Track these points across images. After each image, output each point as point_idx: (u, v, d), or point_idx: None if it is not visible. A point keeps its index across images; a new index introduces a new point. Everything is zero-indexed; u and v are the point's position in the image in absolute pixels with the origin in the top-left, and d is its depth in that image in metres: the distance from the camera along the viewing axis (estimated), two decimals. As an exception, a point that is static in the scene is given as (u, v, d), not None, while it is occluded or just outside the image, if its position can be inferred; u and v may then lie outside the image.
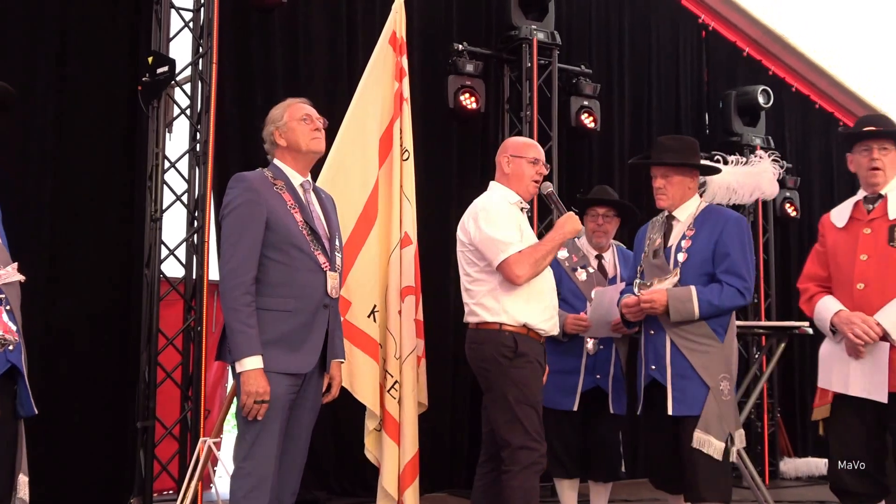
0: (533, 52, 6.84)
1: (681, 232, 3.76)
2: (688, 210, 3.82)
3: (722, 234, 3.66)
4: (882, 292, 3.36)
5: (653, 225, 3.91)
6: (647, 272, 3.77)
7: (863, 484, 3.41)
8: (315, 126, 3.37)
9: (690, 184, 3.82)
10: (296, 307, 3.20)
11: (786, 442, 8.23)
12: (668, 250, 3.75)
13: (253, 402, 3.07)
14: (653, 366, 3.68)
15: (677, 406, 3.57)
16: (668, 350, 3.63)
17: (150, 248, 5.35)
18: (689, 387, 3.55)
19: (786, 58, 8.88)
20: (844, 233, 3.56)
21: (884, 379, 3.32)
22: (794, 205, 8.45)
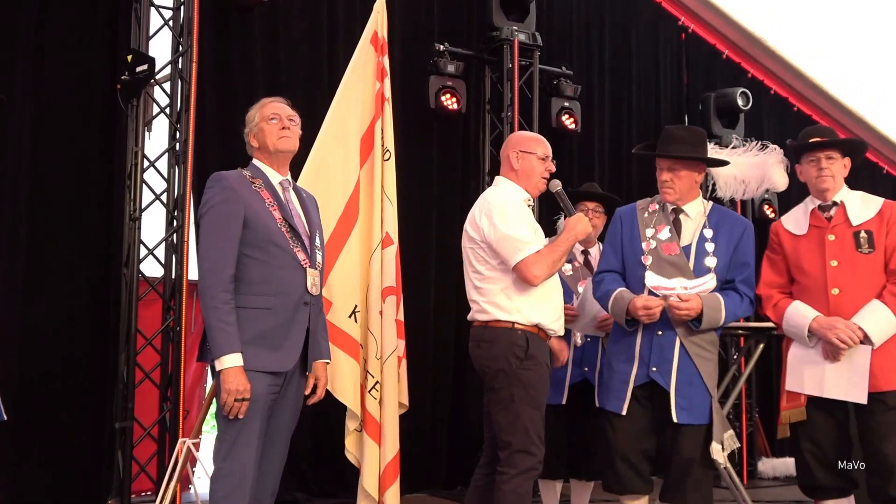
0: (514, 53, 6.85)
1: (695, 230, 3.60)
2: (697, 206, 3.67)
3: (741, 241, 3.60)
4: (856, 296, 3.50)
5: (643, 213, 3.69)
6: (659, 268, 3.54)
7: (835, 479, 3.58)
8: (282, 125, 3.36)
9: (698, 177, 3.68)
10: (275, 305, 3.19)
11: (764, 442, 8.29)
12: (686, 249, 3.57)
13: (233, 399, 3.05)
14: (654, 367, 3.49)
15: (682, 414, 3.44)
16: (676, 354, 3.48)
17: (129, 247, 5.31)
18: (694, 395, 3.46)
19: (765, 61, 8.94)
20: (806, 240, 3.69)
21: (864, 380, 3.43)
22: (773, 206, 8.51)
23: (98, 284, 5.47)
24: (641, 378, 3.52)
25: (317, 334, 3.35)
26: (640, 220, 3.65)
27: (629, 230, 3.66)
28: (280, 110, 3.39)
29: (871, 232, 3.55)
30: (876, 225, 3.56)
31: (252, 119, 3.40)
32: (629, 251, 3.63)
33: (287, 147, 3.38)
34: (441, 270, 6.77)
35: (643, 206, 3.71)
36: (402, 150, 5.26)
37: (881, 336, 3.45)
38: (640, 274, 3.56)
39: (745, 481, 7.41)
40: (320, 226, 3.49)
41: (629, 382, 3.53)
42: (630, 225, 3.68)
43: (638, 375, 3.53)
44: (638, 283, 3.57)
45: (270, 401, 3.19)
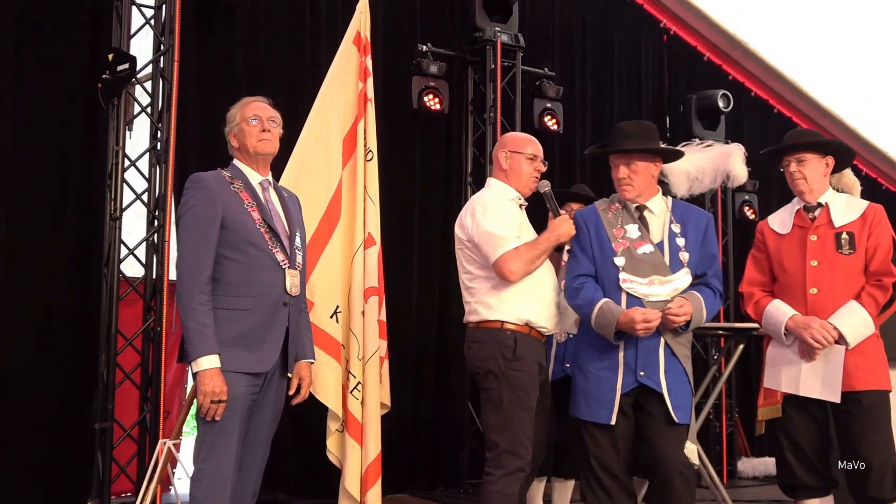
0: (497, 53, 6.86)
1: (663, 226, 3.52)
2: (659, 202, 3.60)
3: (707, 233, 3.56)
4: (833, 296, 3.55)
5: (606, 213, 3.59)
6: (634, 267, 3.44)
7: (814, 478, 3.61)
8: (263, 127, 3.35)
9: (654, 171, 3.59)
10: (254, 306, 3.19)
11: (743, 442, 8.34)
12: (660, 245, 3.48)
13: (210, 401, 3.05)
14: (641, 372, 3.38)
15: (680, 413, 3.36)
16: (662, 355, 3.40)
17: (110, 247, 5.28)
18: (684, 394, 3.41)
19: (745, 63, 9.00)
20: (789, 239, 3.73)
21: (837, 380, 3.48)
22: (753, 207, 8.57)
23: (78, 284, 5.43)
24: (629, 384, 3.39)
25: (299, 335, 3.35)
26: (604, 221, 3.55)
27: (595, 232, 3.55)
28: (261, 111, 3.38)
29: (853, 234, 3.59)
30: (858, 227, 3.60)
31: (233, 118, 3.39)
32: (599, 253, 3.52)
33: (267, 150, 3.37)
34: (423, 271, 6.77)
35: (604, 207, 3.62)
36: (385, 150, 5.26)
37: (856, 336, 3.49)
38: (613, 276, 3.45)
39: (725, 481, 7.44)
40: (302, 226, 3.49)
41: (616, 391, 3.39)
42: (595, 227, 3.56)
43: (625, 382, 3.39)
44: (612, 284, 3.45)
45: (250, 402, 3.19)
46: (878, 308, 3.52)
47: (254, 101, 3.42)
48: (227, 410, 3.10)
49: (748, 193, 8.53)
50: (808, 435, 3.60)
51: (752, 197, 8.57)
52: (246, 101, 3.42)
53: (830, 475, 3.63)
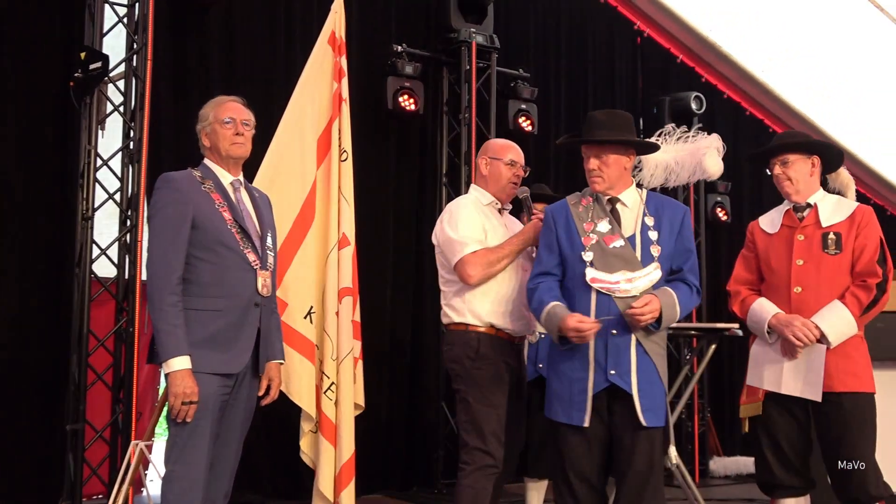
0: (472, 55, 6.88)
1: (635, 219, 3.41)
2: (632, 194, 3.47)
3: (682, 226, 3.43)
4: (817, 296, 3.54)
5: (577, 208, 3.47)
6: (603, 262, 3.32)
7: (792, 477, 3.60)
8: (236, 130, 3.33)
9: (627, 163, 3.46)
10: (225, 306, 3.18)
11: (715, 441, 8.41)
12: (631, 239, 3.36)
13: (180, 403, 3.04)
14: (612, 370, 3.25)
15: (649, 416, 3.24)
16: (633, 354, 3.28)
17: (82, 247, 5.24)
18: (656, 395, 3.28)
19: (718, 66, 9.07)
20: (777, 238, 3.73)
21: (818, 379, 3.48)
22: (725, 209, 8.64)
23: (50, 284, 5.39)
24: (600, 384, 3.28)
25: (270, 335, 3.35)
26: (575, 216, 3.43)
27: (564, 227, 3.44)
28: (236, 112, 3.35)
29: (840, 234, 3.59)
30: (846, 228, 3.60)
31: (205, 117, 3.36)
32: (568, 249, 3.40)
33: (239, 154, 3.36)
34: (398, 271, 6.77)
35: (575, 201, 3.49)
36: (360, 150, 5.26)
37: (838, 336, 3.49)
38: (580, 271, 3.34)
39: (697, 480, 7.51)
40: (273, 226, 3.48)
41: (588, 391, 3.28)
42: (565, 221, 3.44)
43: (596, 382, 3.28)
44: (580, 281, 3.34)
45: (221, 402, 3.18)
46: (861, 308, 3.51)
47: (228, 101, 3.39)
48: (199, 411, 3.09)
49: (720, 195, 8.61)
50: (788, 434, 3.60)
51: (725, 198, 8.64)
52: (220, 101, 3.39)
53: (808, 475, 3.63)
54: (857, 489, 3.45)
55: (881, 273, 3.54)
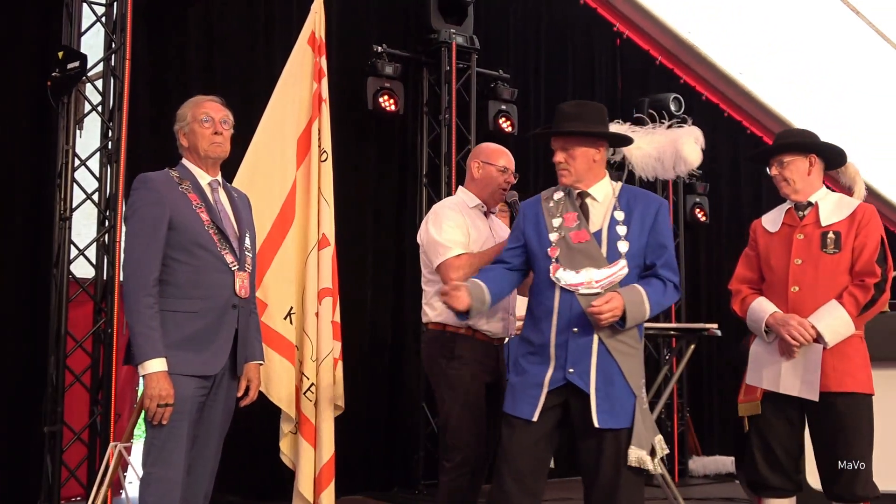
0: (452, 55, 6.89)
1: (605, 214, 3.27)
2: (604, 188, 3.33)
3: (657, 220, 3.27)
4: (815, 295, 3.52)
5: (548, 203, 3.36)
6: (569, 259, 3.21)
7: (779, 478, 3.60)
8: (215, 129, 3.31)
9: (596, 156, 3.30)
10: (202, 308, 3.17)
11: (694, 441, 8.46)
12: (597, 235, 3.24)
13: (156, 405, 3.03)
14: (571, 368, 3.13)
15: (604, 417, 3.11)
16: (594, 351, 3.15)
17: (59, 247, 5.21)
18: (616, 396, 3.14)
19: (696, 67, 9.13)
20: (777, 237, 3.71)
21: (816, 379, 3.47)
22: (704, 210, 8.70)
23: (27, 285, 5.35)
24: (557, 381, 3.16)
25: (248, 336, 3.34)
26: (545, 211, 3.32)
27: (534, 222, 3.33)
28: (214, 111, 3.33)
29: (840, 233, 3.56)
30: (846, 226, 3.57)
31: (183, 117, 3.34)
32: (536, 244, 3.29)
33: (218, 154, 3.34)
34: (378, 272, 6.77)
35: (547, 196, 3.38)
36: (340, 151, 5.25)
37: (835, 336, 3.48)
38: (546, 266, 3.23)
39: (677, 479, 7.55)
40: (252, 227, 3.46)
41: (543, 386, 3.17)
42: (535, 217, 3.34)
43: (553, 378, 3.17)
44: (545, 277, 3.24)
45: (199, 404, 3.18)
46: (858, 308, 3.49)
47: (206, 101, 3.37)
48: (176, 413, 3.08)
49: (699, 196, 8.67)
50: (780, 436, 3.59)
51: (703, 199, 8.70)
52: (198, 101, 3.37)
53: (796, 478, 3.63)
54: (843, 488, 3.46)
55: (880, 273, 3.50)
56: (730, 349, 7.82)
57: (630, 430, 3.12)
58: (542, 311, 3.23)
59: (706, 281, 9.08)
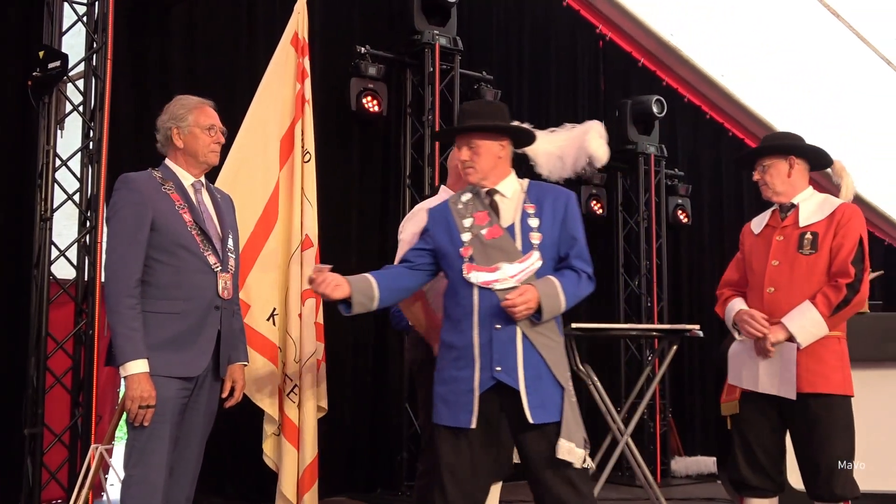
0: (435, 56, 6.89)
1: (515, 209, 3.26)
2: (512, 184, 3.32)
3: (567, 213, 3.27)
4: (789, 296, 3.56)
5: (457, 205, 3.33)
6: (483, 256, 3.19)
7: (761, 479, 3.63)
8: (217, 139, 3.35)
9: (501, 152, 3.30)
10: (184, 309, 3.16)
11: (677, 441, 8.49)
12: (510, 229, 3.23)
13: (137, 407, 3.02)
14: (497, 367, 3.10)
15: (537, 413, 3.08)
16: (519, 347, 3.12)
17: (40, 248, 5.17)
18: (545, 389, 3.11)
19: (678, 69, 9.18)
20: (760, 239, 3.76)
21: (792, 378, 3.50)
22: (686, 212, 8.74)
23: (7, 286, 5.31)
24: (486, 382, 3.12)
25: (233, 337, 3.33)
26: (455, 213, 3.30)
27: (444, 226, 3.31)
28: (216, 120, 3.37)
29: (817, 234, 3.59)
30: (824, 227, 3.60)
31: (183, 118, 3.32)
32: (448, 246, 3.26)
33: (214, 161, 3.40)
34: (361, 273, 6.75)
35: (455, 199, 3.37)
36: (323, 152, 5.24)
37: (807, 336, 3.50)
38: (459, 267, 3.20)
39: (659, 480, 7.57)
40: (235, 228, 3.46)
41: (474, 391, 3.12)
42: (444, 220, 3.32)
43: (482, 380, 3.12)
44: (460, 277, 3.20)
45: (181, 406, 3.17)
46: (830, 308, 3.49)
47: (207, 107, 3.38)
48: (158, 415, 3.07)
49: (681, 198, 8.71)
50: (759, 435, 3.63)
51: (685, 201, 8.75)
52: (199, 105, 3.36)
53: (778, 479, 3.65)
54: (822, 487, 3.49)
55: (853, 273, 3.51)
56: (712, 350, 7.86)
57: (559, 423, 3.10)
58: (460, 312, 3.19)
59: (688, 282, 9.12)
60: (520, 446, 3.18)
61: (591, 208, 8.07)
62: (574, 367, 5.25)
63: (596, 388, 5.26)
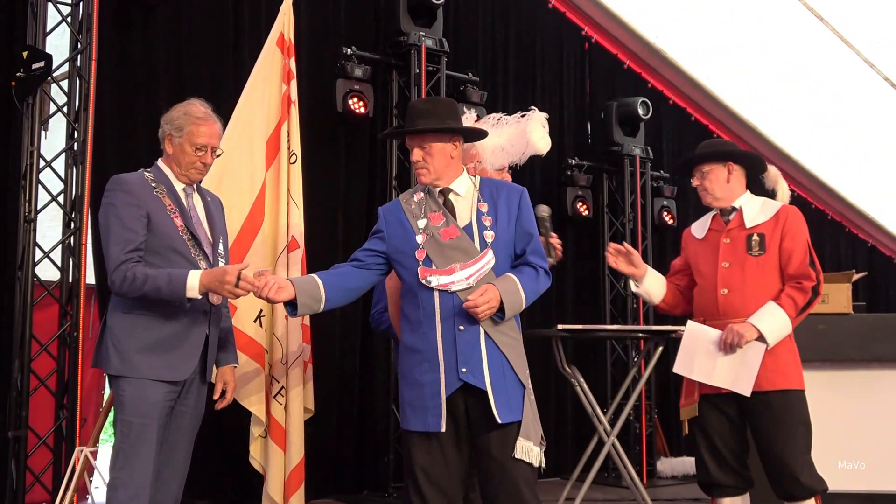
0: (421, 58, 6.89)
1: (471, 207, 3.25)
2: (464, 182, 3.30)
3: (520, 209, 3.27)
4: (743, 296, 3.67)
5: (409, 205, 3.30)
6: (439, 257, 3.16)
7: (728, 477, 3.69)
8: (204, 159, 3.30)
9: (453, 151, 3.27)
10: (172, 313, 3.16)
11: (662, 442, 8.51)
12: (468, 228, 3.21)
13: (235, 282, 3.02)
14: (463, 368, 3.08)
15: (504, 412, 3.08)
16: (483, 347, 3.11)
17: (24, 249, 5.13)
18: (510, 388, 3.12)
19: (664, 71, 9.21)
20: (704, 243, 3.87)
21: (751, 376, 3.58)
22: (672, 213, 8.77)
23: (-10, 288, 5.27)
24: (452, 384, 3.10)
25: (224, 340, 3.33)
26: (408, 213, 3.27)
27: (398, 226, 3.27)
28: (209, 139, 3.30)
29: (764, 235, 3.70)
30: (770, 228, 3.71)
31: (178, 129, 3.28)
32: (404, 247, 3.23)
33: (197, 179, 3.37)
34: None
35: (407, 199, 3.33)
36: (309, 153, 5.23)
37: (775, 338, 3.60)
38: (415, 270, 3.17)
39: (645, 481, 7.59)
40: (225, 232, 3.46)
41: (441, 394, 3.11)
42: (397, 221, 3.28)
43: (448, 382, 3.10)
44: (416, 280, 3.18)
45: (167, 409, 3.17)
46: (796, 310, 3.61)
47: (206, 125, 3.30)
48: (144, 417, 3.07)
49: (666, 199, 8.74)
50: (722, 435, 3.70)
51: (671, 202, 8.78)
52: (198, 122, 3.29)
53: (746, 475, 3.73)
54: (789, 485, 3.55)
55: (814, 276, 3.65)
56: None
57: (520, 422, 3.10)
58: (421, 315, 3.16)
59: (673, 283, 9.14)
60: (482, 445, 3.14)
61: (577, 210, 8.07)
62: (560, 367, 5.27)
63: (582, 389, 5.26)
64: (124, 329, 3.18)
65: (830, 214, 11.11)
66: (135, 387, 3.13)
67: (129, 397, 3.12)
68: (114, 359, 3.16)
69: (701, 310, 3.85)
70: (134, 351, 3.12)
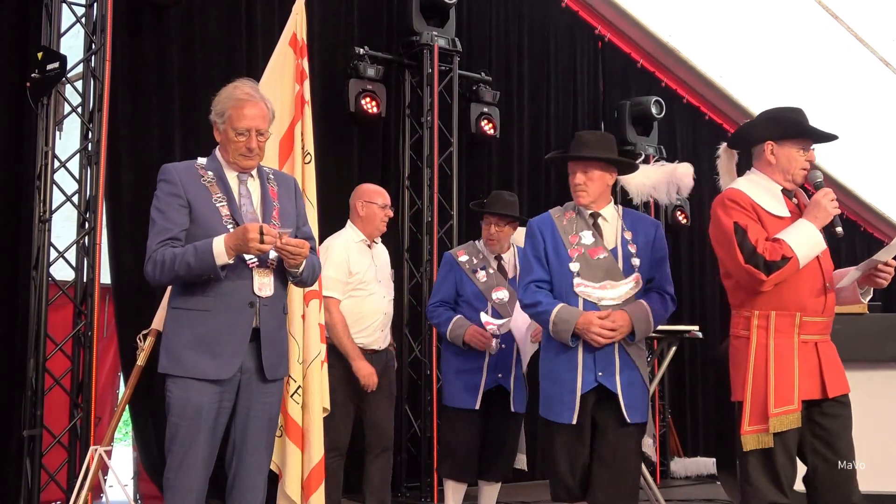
0: (434, 58, 6.88)
1: (615, 232, 3.65)
2: (611, 210, 3.72)
3: (655, 239, 3.68)
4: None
5: (561, 221, 3.69)
6: (588, 272, 3.56)
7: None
8: (249, 145, 3.13)
9: (609, 180, 3.71)
10: (214, 307, 3.05)
11: (676, 442, 8.49)
12: (613, 252, 3.60)
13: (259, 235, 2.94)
14: (600, 372, 3.52)
15: (633, 413, 3.51)
16: (617, 357, 3.53)
17: (39, 250, 5.16)
18: (637, 395, 3.55)
19: (677, 70, 9.18)
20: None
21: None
22: (685, 213, 8.74)
23: (6, 288, 5.29)
24: (588, 384, 3.52)
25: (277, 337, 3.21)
26: (560, 228, 3.66)
27: (552, 239, 3.65)
28: (252, 122, 3.12)
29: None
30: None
31: (221, 113, 3.15)
32: (555, 260, 3.62)
33: (248, 165, 3.19)
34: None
35: (559, 215, 3.72)
36: (322, 153, 5.24)
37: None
38: (568, 280, 3.57)
39: (659, 481, 7.56)
40: (292, 217, 3.27)
41: (577, 392, 3.51)
42: (552, 234, 3.66)
43: (584, 382, 3.52)
44: (567, 289, 3.57)
45: (215, 410, 3.06)
46: None
47: (248, 106, 3.14)
48: (189, 420, 3.01)
49: (680, 199, 8.69)
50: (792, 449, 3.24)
51: (685, 202, 8.74)
52: (240, 104, 3.13)
53: None
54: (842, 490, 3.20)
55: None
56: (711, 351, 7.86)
57: (645, 423, 3.60)
58: None
59: (688, 284, 9.11)
60: (606, 441, 3.53)
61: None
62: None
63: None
64: (172, 326, 3.10)
65: (846, 213, 11.05)
66: (180, 387, 3.04)
67: (176, 399, 3.05)
68: (162, 357, 3.09)
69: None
70: (181, 347, 3.03)
